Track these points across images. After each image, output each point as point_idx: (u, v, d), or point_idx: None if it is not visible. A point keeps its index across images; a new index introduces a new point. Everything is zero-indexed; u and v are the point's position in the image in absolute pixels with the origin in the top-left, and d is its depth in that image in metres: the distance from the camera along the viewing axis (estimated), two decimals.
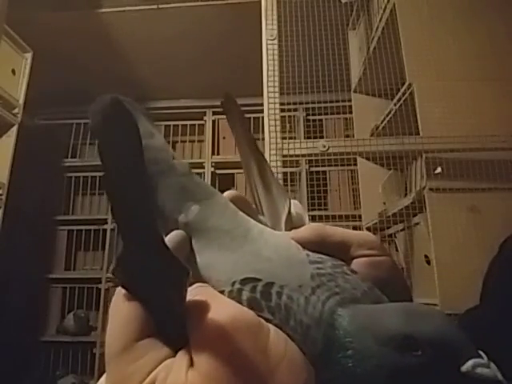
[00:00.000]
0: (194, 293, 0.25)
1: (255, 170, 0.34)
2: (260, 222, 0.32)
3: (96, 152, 0.21)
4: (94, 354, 2.44)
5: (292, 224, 0.31)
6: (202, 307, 0.23)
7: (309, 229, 0.29)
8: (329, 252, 0.28)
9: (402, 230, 1.45)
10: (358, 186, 1.90)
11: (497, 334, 0.35)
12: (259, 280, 0.25)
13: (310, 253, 0.27)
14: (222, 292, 0.25)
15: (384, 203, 1.68)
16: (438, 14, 1.43)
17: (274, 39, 1.39)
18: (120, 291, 0.23)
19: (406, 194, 1.48)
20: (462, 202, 1.23)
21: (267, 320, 0.23)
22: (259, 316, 0.23)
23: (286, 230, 0.31)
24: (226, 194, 0.33)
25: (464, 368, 0.19)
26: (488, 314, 0.39)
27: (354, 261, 0.28)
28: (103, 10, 2.17)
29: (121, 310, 0.23)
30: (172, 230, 0.29)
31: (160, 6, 2.14)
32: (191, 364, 0.21)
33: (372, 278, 0.26)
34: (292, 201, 0.32)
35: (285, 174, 1.34)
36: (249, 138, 0.35)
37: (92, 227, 2.70)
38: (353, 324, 0.22)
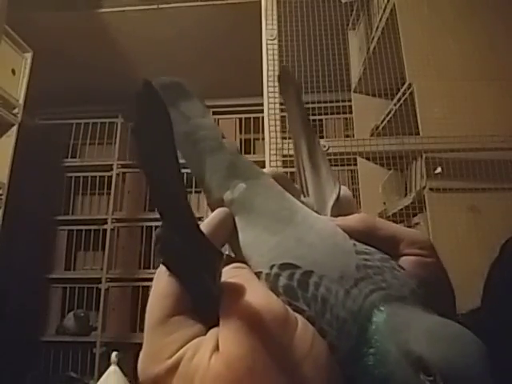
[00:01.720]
0: (231, 274, 0.25)
1: (305, 150, 0.33)
2: (304, 203, 0.31)
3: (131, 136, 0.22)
4: (94, 353, 2.44)
5: (339, 210, 0.30)
6: (234, 291, 0.23)
7: (358, 218, 0.28)
8: (376, 245, 0.27)
9: None
10: (358, 186, 1.90)
11: (498, 336, 0.35)
12: (298, 267, 0.24)
13: (357, 243, 0.26)
14: (259, 273, 0.25)
15: (384, 203, 1.68)
16: (438, 13, 1.43)
17: (273, 39, 1.39)
18: (162, 267, 0.24)
19: (406, 194, 1.48)
20: (462, 202, 1.23)
21: (301, 311, 0.23)
22: (293, 305, 0.23)
23: (332, 215, 0.30)
24: (268, 170, 0.32)
25: None
26: (489, 316, 0.39)
27: (403, 258, 0.27)
28: (103, 10, 2.17)
29: (160, 285, 0.24)
30: (218, 207, 0.29)
31: (160, 6, 2.14)
32: (217, 346, 0.21)
33: (417, 278, 0.25)
34: (342, 187, 0.31)
35: (285, 173, 1.34)
36: (303, 115, 0.34)
37: (92, 227, 2.70)
38: (387, 324, 0.21)
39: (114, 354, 1.30)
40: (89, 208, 2.87)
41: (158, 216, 0.23)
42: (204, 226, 0.27)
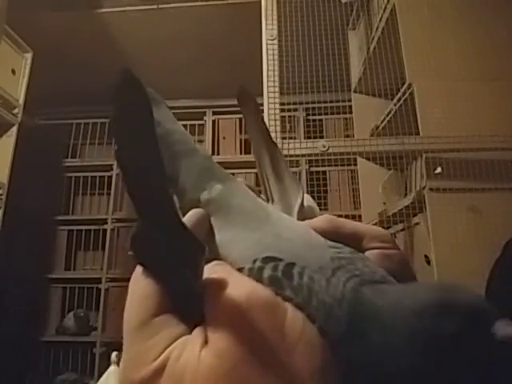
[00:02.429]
0: (212, 270, 0.25)
1: (267, 160, 0.34)
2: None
3: (110, 126, 0.21)
4: (94, 353, 2.44)
5: (304, 216, 0.31)
6: (218, 285, 0.23)
7: (323, 219, 0.30)
8: (342, 242, 0.28)
9: (402, 230, 1.45)
10: (358, 186, 1.90)
11: None
12: (281, 260, 0.25)
13: (327, 240, 0.28)
14: (241, 269, 0.25)
15: (384, 203, 1.68)
16: (438, 13, 1.43)
17: (273, 39, 1.39)
18: (139, 268, 0.24)
19: (406, 194, 1.48)
20: (462, 202, 1.23)
21: (288, 299, 0.23)
22: (280, 295, 0.23)
23: (298, 220, 0.31)
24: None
25: (494, 330, 0.20)
26: None
27: (366, 252, 0.28)
28: (103, 10, 2.17)
29: (138, 287, 0.23)
30: (191, 207, 0.30)
31: (160, 6, 2.14)
32: (206, 342, 0.21)
33: (384, 269, 0.27)
34: (304, 194, 0.33)
35: None
36: (262, 127, 0.35)
37: (92, 227, 2.70)
38: (382, 299, 0.22)
39: (113, 354, 1.30)
40: (89, 208, 2.87)
41: None
42: None
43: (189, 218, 0.28)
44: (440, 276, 1.16)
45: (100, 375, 1.31)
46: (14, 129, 2.05)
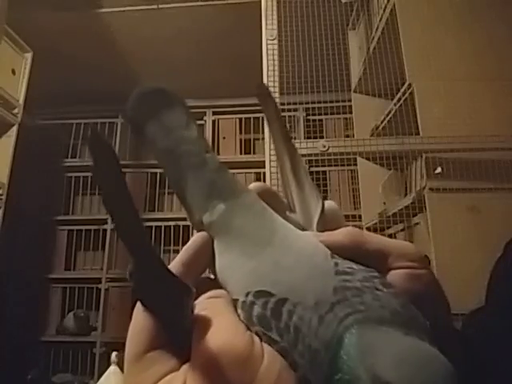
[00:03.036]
0: (203, 306, 0.25)
1: (288, 166, 0.33)
2: (290, 218, 0.30)
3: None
4: (94, 353, 2.44)
5: (325, 225, 0.29)
6: (203, 326, 0.23)
7: (344, 233, 0.28)
8: (364, 260, 0.26)
9: (402, 230, 1.45)
10: (358, 186, 1.90)
11: (502, 336, 0.35)
12: (272, 295, 0.24)
13: (340, 261, 0.25)
14: (235, 300, 0.25)
15: (384, 203, 1.68)
16: (438, 14, 1.43)
17: (273, 39, 1.39)
18: (139, 302, 0.25)
19: (406, 194, 1.48)
20: (462, 202, 1.23)
21: (274, 342, 0.22)
22: (267, 336, 0.23)
23: (318, 231, 0.29)
24: (253, 184, 0.31)
25: None
26: (493, 316, 0.39)
27: (392, 272, 0.26)
28: (103, 10, 2.17)
29: (136, 320, 0.24)
30: (199, 229, 0.29)
31: (160, 6, 2.14)
32: None
33: (409, 292, 0.24)
34: (328, 201, 0.31)
35: None
36: (284, 133, 0.33)
37: (92, 227, 2.70)
38: (356, 347, 0.20)
39: (113, 354, 1.30)
40: (89, 208, 2.87)
41: (158, 216, 0.23)
42: (182, 252, 0.27)
43: (190, 245, 0.28)
44: (440, 276, 1.16)
45: (100, 375, 1.31)
46: (14, 129, 2.05)
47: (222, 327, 0.23)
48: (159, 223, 2.58)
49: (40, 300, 2.59)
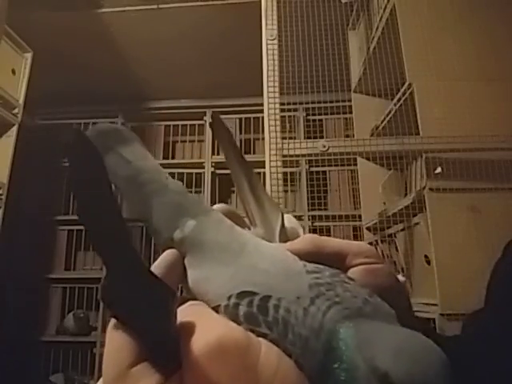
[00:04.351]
0: (185, 313, 0.24)
1: (245, 185, 0.34)
2: (253, 233, 0.32)
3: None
4: (94, 353, 2.44)
5: (287, 237, 0.31)
6: (190, 329, 0.23)
7: (304, 240, 0.30)
8: (325, 262, 0.28)
9: (402, 230, 1.45)
10: (358, 186, 1.90)
11: (502, 338, 0.35)
12: (256, 294, 0.24)
13: (307, 263, 0.27)
14: (217, 307, 0.25)
15: (384, 203, 1.68)
16: (438, 14, 1.43)
17: (273, 39, 1.39)
18: (112, 320, 0.23)
19: (405, 194, 1.48)
20: (462, 202, 1.23)
21: (264, 335, 0.23)
22: (256, 331, 0.23)
23: (280, 241, 0.31)
24: (216, 206, 0.33)
25: None
26: (493, 316, 0.39)
27: (351, 269, 0.28)
28: (103, 10, 2.17)
29: (111, 339, 0.23)
30: (167, 247, 0.29)
31: (160, 6, 2.14)
32: None
33: (370, 286, 0.26)
34: (286, 215, 0.33)
35: (285, 173, 1.34)
36: (238, 155, 0.35)
37: None
38: (354, 339, 0.22)
39: None
40: None
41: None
42: (152, 269, 0.27)
43: (160, 261, 0.28)
44: (440, 276, 1.16)
45: (100, 375, 1.32)
46: (14, 129, 2.05)
47: (214, 324, 0.23)
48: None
49: (40, 300, 2.59)
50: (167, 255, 0.29)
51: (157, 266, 0.28)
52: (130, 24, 2.24)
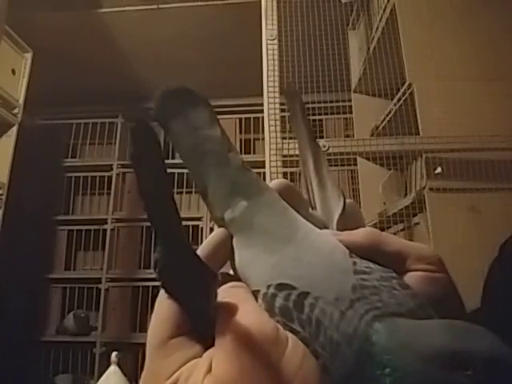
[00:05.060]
0: (226, 293, 0.25)
1: (311, 164, 0.33)
2: (311, 216, 0.31)
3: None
4: (94, 353, 2.44)
5: (345, 224, 0.30)
6: (228, 312, 0.24)
7: (363, 233, 0.28)
8: (382, 261, 0.26)
9: (401, 230, 1.45)
10: (358, 186, 1.90)
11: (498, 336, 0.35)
12: (294, 288, 0.24)
13: (358, 260, 0.26)
14: (256, 292, 0.25)
15: (384, 203, 1.68)
16: (438, 13, 1.43)
17: (273, 39, 1.39)
18: (162, 290, 0.25)
19: (405, 194, 1.48)
20: (462, 202, 1.23)
21: (296, 332, 0.23)
22: (288, 326, 0.23)
23: (338, 229, 0.30)
24: (275, 182, 0.32)
25: None
26: (489, 316, 0.39)
27: (409, 274, 0.26)
28: (103, 10, 2.17)
29: (159, 308, 0.25)
30: (220, 225, 0.30)
31: (160, 6, 2.14)
32: (210, 369, 0.22)
33: (426, 295, 0.25)
34: (349, 201, 0.31)
35: (285, 174, 1.34)
36: (309, 131, 0.34)
37: (92, 227, 2.70)
38: (392, 340, 0.21)
39: (113, 354, 1.30)
40: (89, 208, 2.87)
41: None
42: (202, 247, 0.28)
43: (209, 240, 0.29)
44: None
45: (100, 375, 1.31)
46: (14, 129, 2.05)
47: (248, 312, 0.24)
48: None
49: (40, 300, 2.59)
50: (216, 235, 0.29)
51: (206, 244, 0.29)
52: (130, 24, 2.23)
